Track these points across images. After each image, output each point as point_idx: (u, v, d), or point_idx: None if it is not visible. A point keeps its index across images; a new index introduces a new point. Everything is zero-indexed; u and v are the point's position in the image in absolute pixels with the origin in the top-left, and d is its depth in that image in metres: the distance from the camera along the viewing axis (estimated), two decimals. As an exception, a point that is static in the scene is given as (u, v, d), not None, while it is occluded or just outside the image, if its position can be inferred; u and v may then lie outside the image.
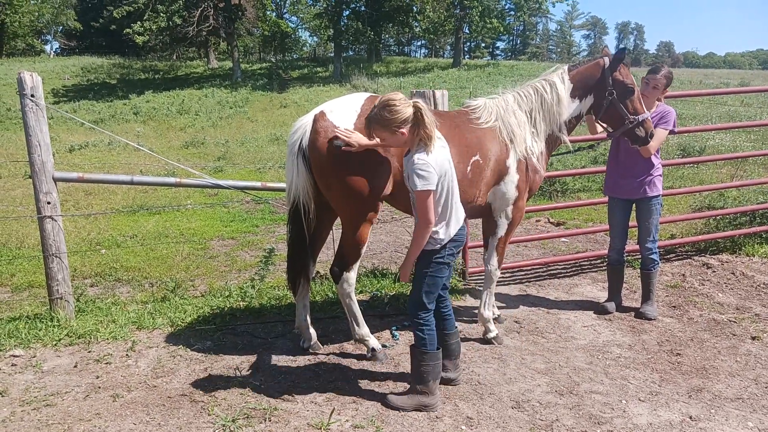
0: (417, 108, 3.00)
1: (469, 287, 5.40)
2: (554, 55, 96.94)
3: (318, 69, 43.07)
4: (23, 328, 4.31)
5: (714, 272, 5.71)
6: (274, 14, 47.51)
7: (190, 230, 8.29)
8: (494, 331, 4.22)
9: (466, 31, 45.60)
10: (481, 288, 4.33)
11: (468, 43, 69.67)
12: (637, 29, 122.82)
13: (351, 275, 3.73)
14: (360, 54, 53.69)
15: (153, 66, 44.38)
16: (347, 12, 40.56)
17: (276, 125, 23.73)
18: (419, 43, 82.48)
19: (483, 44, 73.21)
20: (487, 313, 4.22)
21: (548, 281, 5.62)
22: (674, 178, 10.52)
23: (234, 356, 3.97)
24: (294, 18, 57.59)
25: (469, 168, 3.81)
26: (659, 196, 4.65)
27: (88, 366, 3.84)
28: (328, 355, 3.99)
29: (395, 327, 4.44)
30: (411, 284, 3.34)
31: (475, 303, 4.94)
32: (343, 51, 43.84)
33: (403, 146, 3.20)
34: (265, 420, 3.18)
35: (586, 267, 6.00)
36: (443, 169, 3.07)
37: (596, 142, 5.69)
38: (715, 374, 3.74)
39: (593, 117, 4.37)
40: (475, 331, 4.37)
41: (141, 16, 35.10)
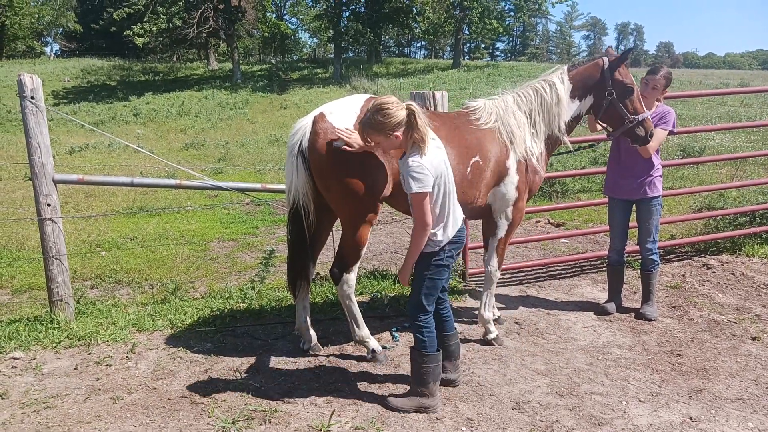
0: (410, 111, 2.99)
1: (469, 288, 5.40)
2: (554, 56, 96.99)
3: (318, 70, 43.11)
4: (23, 331, 4.32)
5: (714, 273, 5.71)
6: (274, 16, 47.62)
7: (190, 232, 8.29)
8: (494, 332, 4.22)
9: (466, 32, 45.65)
10: (481, 289, 4.33)
11: (468, 44, 69.69)
12: (637, 30, 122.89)
13: (351, 277, 3.73)
14: (360, 55, 53.73)
15: (153, 68, 44.42)
16: (347, 13, 40.63)
17: (276, 127, 23.75)
18: (419, 45, 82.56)
19: (483, 45, 73.25)
20: (487, 314, 4.22)
21: (548, 282, 5.62)
22: (674, 179, 10.51)
23: (234, 358, 3.97)
24: (294, 19, 57.78)
25: (469, 169, 3.81)
26: (659, 197, 4.65)
27: (88, 368, 3.85)
28: (329, 357, 3.99)
29: (395, 328, 4.44)
30: (410, 286, 3.34)
31: (475, 304, 4.94)
32: (343, 52, 43.86)
33: (398, 149, 3.20)
34: (266, 422, 3.18)
35: (586, 268, 6.00)
36: (439, 171, 3.06)
37: (596, 143, 5.70)
38: (716, 375, 3.74)
39: (593, 117, 4.38)
40: (475, 333, 4.37)
41: (141, 18, 35.14)
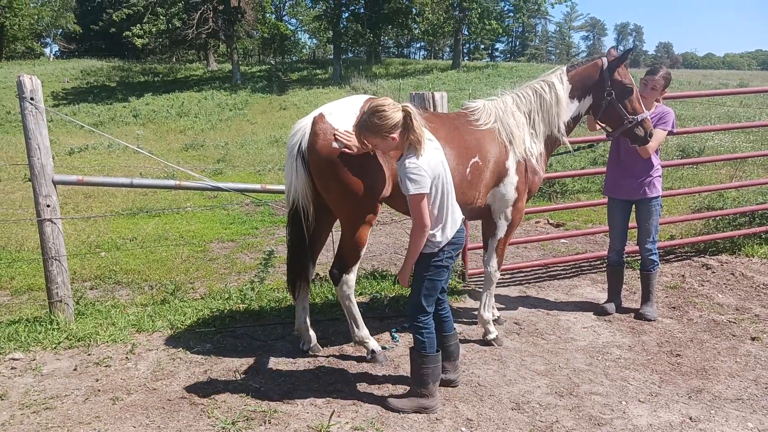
0: (406, 112, 2.98)
1: (469, 289, 5.40)
2: (553, 57, 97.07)
3: (317, 71, 43.12)
4: (23, 331, 4.31)
5: (713, 273, 5.71)
6: (274, 16, 47.58)
7: (190, 233, 8.29)
8: (494, 333, 4.22)
9: (465, 33, 45.69)
10: (481, 289, 4.33)
11: (467, 45, 69.78)
12: (636, 30, 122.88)
13: (350, 277, 3.73)
14: (359, 56, 53.77)
15: (152, 69, 44.44)
16: (346, 14, 40.65)
17: (275, 127, 23.75)
18: (418, 45, 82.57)
19: (482, 46, 73.34)
20: (487, 315, 4.22)
21: (548, 282, 5.62)
22: (673, 179, 10.51)
23: (234, 359, 3.97)
24: (293, 20, 57.69)
25: (469, 170, 3.82)
26: (659, 197, 4.65)
27: (88, 369, 3.84)
28: (328, 358, 3.99)
29: (395, 329, 4.44)
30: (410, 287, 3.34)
31: (475, 304, 4.94)
32: (343, 53, 43.87)
33: (395, 151, 3.19)
34: (265, 422, 3.18)
35: (586, 268, 6.00)
36: (436, 172, 3.05)
37: (595, 143, 5.70)
38: (715, 375, 3.74)
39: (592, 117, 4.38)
40: (475, 333, 4.37)
41: (140, 19, 35.16)
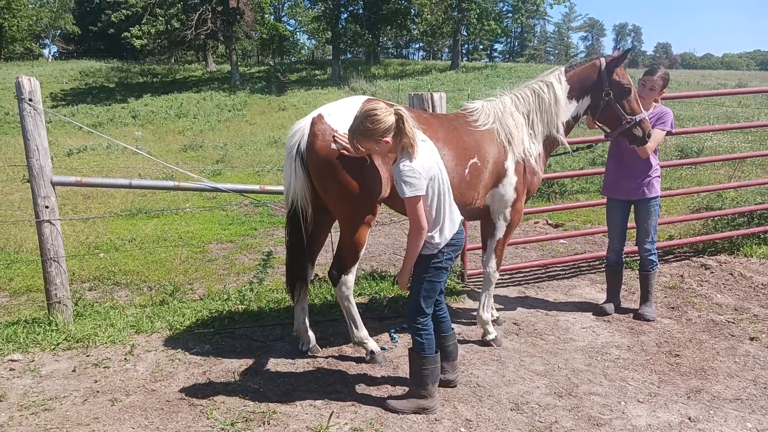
0: (399, 116, 2.97)
1: (468, 289, 5.40)
2: (552, 57, 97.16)
3: (316, 72, 43.14)
4: (21, 333, 4.31)
5: (712, 273, 5.72)
6: (272, 17, 47.55)
7: (189, 233, 8.29)
8: (493, 333, 4.22)
9: (464, 34, 45.74)
10: (480, 290, 4.33)
11: (466, 46, 69.82)
12: (635, 31, 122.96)
13: (349, 278, 3.73)
14: (358, 57, 53.80)
15: (151, 69, 44.44)
16: (345, 15, 40.69)
17: (274, 128, 23.75)
18: (417, 46, 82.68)
19: (481, 46, 73.30)
20: (486, 315, 4.22)
21: (547, 283, 5.62)
22: (672, 179, 10.52)
23: (233, 359, 3.97)
24: (292, 21, 57.65)
25: (467, 170, 3.82)
26: (658, 197, 4.65)
27: (87, 370, 3.84)
28: (327, 358, 3.99)
29: (394, 329, 4.43)
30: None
31: (474, 305, 4.94)
32: (342, 54, 43.87)
33: (389, 154, 3.19)
34: (264, 423, 3.17)
35: (585, 268, 6.00)
36: (431, 174, 3.04)
37: (594, 143, 5.70)
38: (714, 375, 3.74)
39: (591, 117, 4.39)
40: (474, 333, 4.37)
41: (139, 20, 35.20)
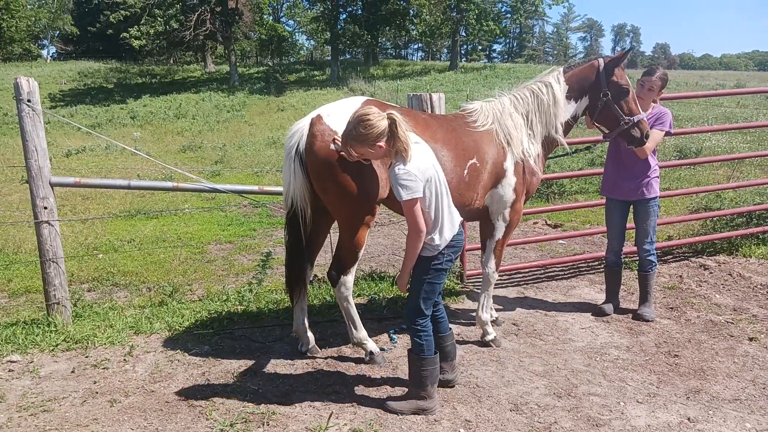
0: (392, 120, 2.96)
1: (467, 290, 5.40)
2: (551, 58, 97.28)
3: (315, 72, 43.11)
4: (20, 334, 4.30)
5: (711, 273, 5.72)
6: (271, 18, 47.55)
7: (188, 234, 8.28)
8: (492, 334, 4.22)
9: (463, 34, 45.75)
10: (479, 291, 4.33)
11: (465, 46, 69.88)
12: (634, 31, 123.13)
13: (348, 279, 3.73)
14: (357, 57, 53.79)
15: (150, 70, 44.41)
16: (344, 15, 40.66)
17: (273, 129, 23.72)
18: (416, 47, 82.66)
19: (480, 47, 73.37)
20: (485, 316, 4.22)
21: (546, 283, 5.62)
22: (671, 180, 10.54)
23: (232, 360, 3.97)
24: (291, 22, 57.64)
25: (466, 171, 3.82)
26: (657, 198, 4.66)
27: (86, 371, 3.84)
28: (326, 359, 3.99)
29: (393, 330, 4.43)
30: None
31: (473, 306, 4.94)
32: (340, 54, 43.85)
33: (384, 158, 3.18)
34: (264, 424, 3.17)
35: (584, 269, 6.01)
36: (427, 175, 3.04)
37: (593, 144, 5.71)
38: (713, 375, 3.75)
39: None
40: (473, 334, 4.38)
41: (138, 21, 35.17)
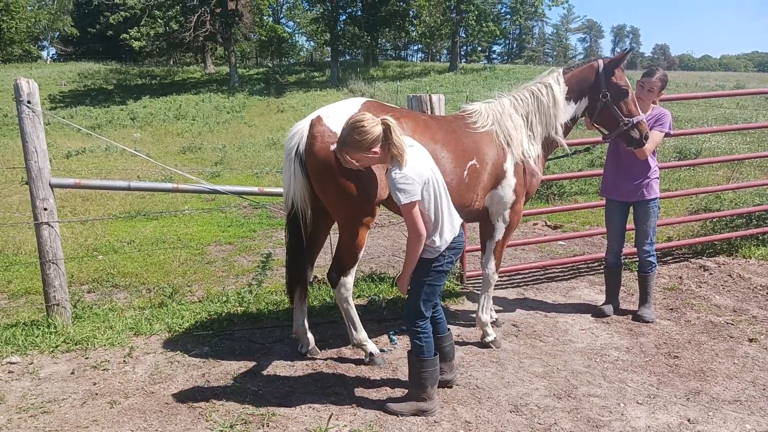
0: (386, 125, 2.96)
1: (467, 291, 5.40)
2: (550, 59, 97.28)
3: (315, 74, 43.09)
4: (20, 335, 4.30)
5: (711, 274, 5.72)
6: (271, 19, 47.56)
7: (188, 236, 8.28)
8: (492, 335, 4.22)
9: (463, 35, 45.77)
10: (479, 292, 4.33)
11: (464, 47, 69.87)
12: (633, 32, 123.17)
13: (348, 280, 3.73)
14: (357, 58, 53.78)
15: (150, 71, 44.40)
16: (344, 17, 40.65)
17: (273, 130, 23.71)
18: (416, 48, 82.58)
19: (479, 48, 73.38)
20: (485, 317, 4.22)
21: (546, 284, 5.62)
22: (671, 181, 10.54)
23: (232, 362, 3.96)
24: (291, 23, 57.71)
25: (466, 173, 3.82)
26: (656, 199, 4.66)
27: (86, 372, 3.83)
28: (326, 360, 3.99)
29: (393, 331, 4.43)
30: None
31: (473, 307, 4.94)
32: (340, 55, 43.85)
33: (380, 163, 3.19)
34: (263, 426, 3.17)
35: (584, 270, 6.01)
36: (425, 177, 3.03)
37: (592, 145, 5.71)
38: (713, 377, 3.75)
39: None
40: (473, 335, 4.38)
41: (138, 22, 35.15)
